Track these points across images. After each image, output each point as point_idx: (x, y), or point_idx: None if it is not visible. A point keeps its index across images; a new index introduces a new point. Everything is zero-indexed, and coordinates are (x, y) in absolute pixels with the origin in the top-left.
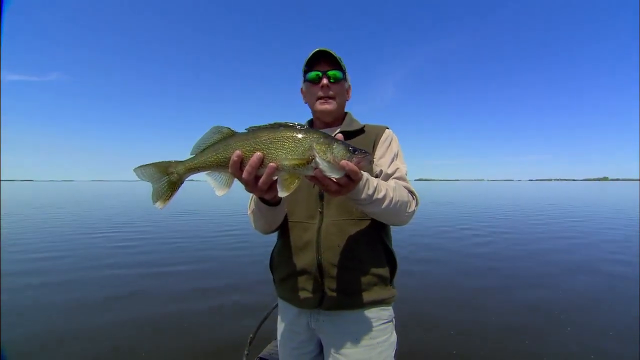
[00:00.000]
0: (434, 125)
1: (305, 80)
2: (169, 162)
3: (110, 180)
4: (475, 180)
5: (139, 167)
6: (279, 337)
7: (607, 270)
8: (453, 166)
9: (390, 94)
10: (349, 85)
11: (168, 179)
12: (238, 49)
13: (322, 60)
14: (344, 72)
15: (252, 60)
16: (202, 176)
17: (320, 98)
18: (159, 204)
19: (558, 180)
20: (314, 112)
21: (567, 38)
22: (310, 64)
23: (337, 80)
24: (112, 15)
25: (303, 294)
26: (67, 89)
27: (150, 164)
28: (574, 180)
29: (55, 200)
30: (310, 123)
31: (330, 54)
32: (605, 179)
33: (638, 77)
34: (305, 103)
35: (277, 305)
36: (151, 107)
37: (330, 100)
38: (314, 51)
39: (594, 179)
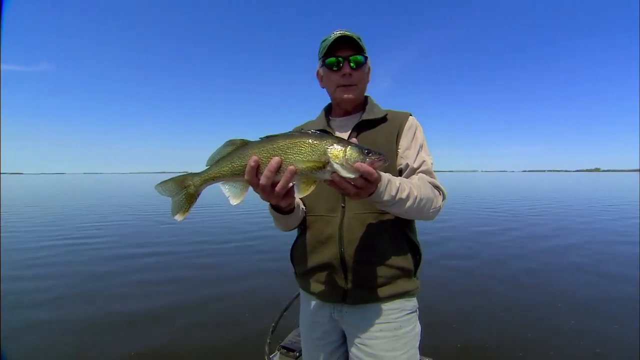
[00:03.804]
0: (427, 117)
1: (323, 65)
2: (186, 175)
3: (103, 172)
4: (469, 171)
5: (159, 184)
6: (302, 328)
7: None
8: (447, 157)
9: (386, 85)
10: (369, 67)
11: (186, 191)
12: (228, 39)
13: (343, 44)
14: (365, 56)
15: (242, 50)
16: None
17: (342, 86)
18: (178, 217)
19: (551, 171)
20: (333, 98)
21: (560, 30)
22: (330, 48)
23: (358, 66)
24: (104, 3)
25: (326, 288)
26: (58, 79)
27: (169, 180)
28: (566, 171)
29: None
30: (329, 108)
31: (353, 38)
32: (597, 169)
33: (629, 69)
34: (322, 87)
35: (298, 295)
36: (146, 97)
37: (352, 88)
38: (335, 36)
39: (587, 170)
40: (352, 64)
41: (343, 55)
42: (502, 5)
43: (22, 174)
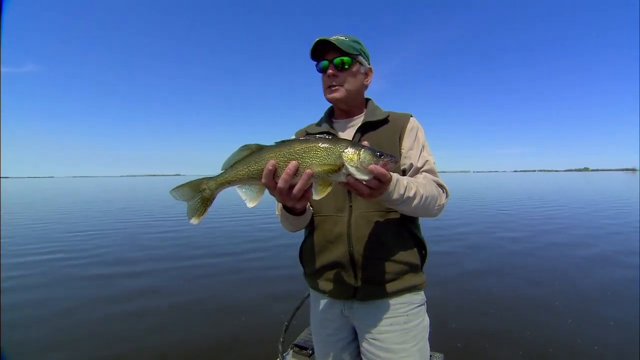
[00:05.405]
0: (420, 118)
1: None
2: (201, 179)
3: (93, 176)
4: (461, 171)
5: (173, 189)
6: (312, 326)
7: None
8: (439, 157)
9: (379, 85)
10: (369, 68)
11: (201, 195)
12: (225, 39)
13: (327, 48)
14: (352, 56)
15: (238, 50)
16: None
17: (328, 87)
18: (194, 220)
19: (541, 171)
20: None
21: (549, 32)
22: (319, 54)
23: (343, 67)
24: (90, 3)
25: (336, 286)
26: (44, 80)
27: (184, 184)
28: (556, 171)
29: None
30: (332, 111)
31: (329, 42)
32: (586, 169)
33: (620, 69)
34: None
35: (309, 295)
36: (135, 99)
37: (336, 89)
38: (314, 43)
39: (576, 170)
40: (338, 67)
41: (328, 58)
42: (496, 9)
43: (8, 177)
